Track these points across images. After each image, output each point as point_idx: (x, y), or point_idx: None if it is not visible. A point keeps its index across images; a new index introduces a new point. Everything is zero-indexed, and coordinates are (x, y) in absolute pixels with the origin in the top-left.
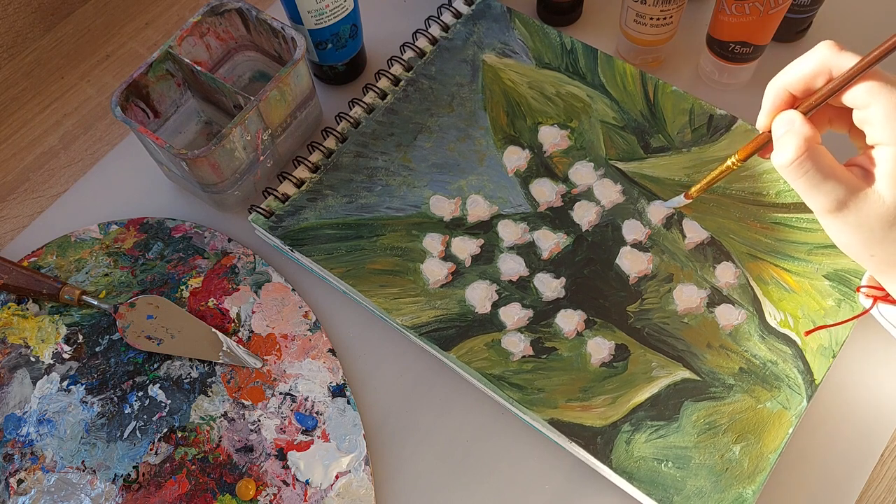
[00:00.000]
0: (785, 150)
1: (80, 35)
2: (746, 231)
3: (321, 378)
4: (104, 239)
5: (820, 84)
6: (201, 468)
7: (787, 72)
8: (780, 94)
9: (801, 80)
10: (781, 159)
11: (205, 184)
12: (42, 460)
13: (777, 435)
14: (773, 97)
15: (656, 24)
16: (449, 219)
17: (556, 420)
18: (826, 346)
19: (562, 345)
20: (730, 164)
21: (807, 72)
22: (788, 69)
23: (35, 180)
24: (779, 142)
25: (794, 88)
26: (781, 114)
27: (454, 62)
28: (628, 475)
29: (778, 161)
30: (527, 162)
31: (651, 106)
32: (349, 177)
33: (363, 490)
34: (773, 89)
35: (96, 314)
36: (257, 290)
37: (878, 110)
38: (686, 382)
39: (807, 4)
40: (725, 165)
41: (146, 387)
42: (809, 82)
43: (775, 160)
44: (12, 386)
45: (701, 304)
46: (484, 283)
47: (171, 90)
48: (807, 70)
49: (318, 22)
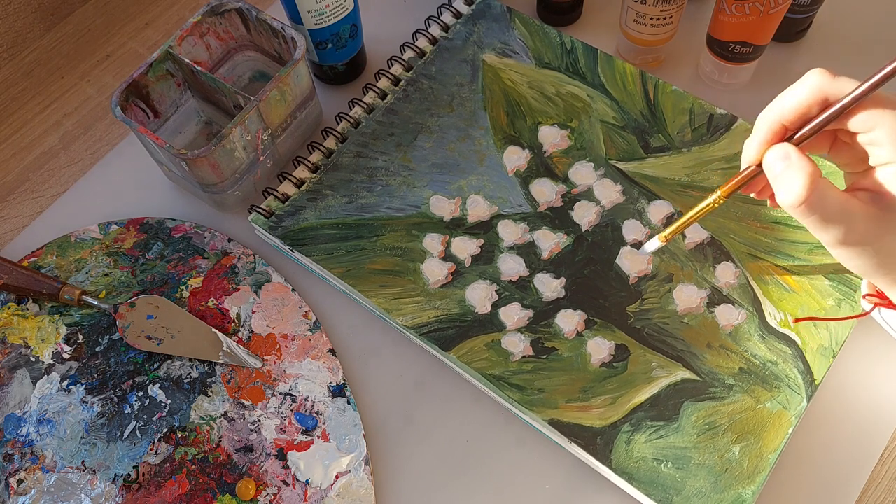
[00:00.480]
0: (790, 189)
1: (80, 35)
2: (746, 231)
3: (321, 378)
4: (104, 239)
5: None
6: (201, 468)
7: (781, 101)
8: (773, 125)
9: (797, 110)
10: (789, 200)
11: (205, 184)
12: (42, 460)
13: (777, 435)
14: (766, 129)
15: (656, 24)
16: (449, 219)
17: (556, 420)
18: (826, 347)
19: (562, 345)
20: (712, 201)
21: (802, 101)
22: (781, 99)
23: (35, 180)
24: (781, 180)
25: (789, 119)
26: (773, 147)
27: (454, 62)
28: (628, 475)
29: (785, 202)
30: (527, 162)
31: (651, 106)
32: (349, 177)
33: (363, 490)
34: (766, 120)
35: (96, 314)
36: (257, 290)
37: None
38: (686, 383)
39: (807, 4)
40: (707, 203)
41: (146, 387)
42: (806, 112)
43: (782, 200)
44: (12, 386)
45: (701, 304)
46: (484, 284)
47: (171, 90)
48: (801, 99)
49: (318, 22)
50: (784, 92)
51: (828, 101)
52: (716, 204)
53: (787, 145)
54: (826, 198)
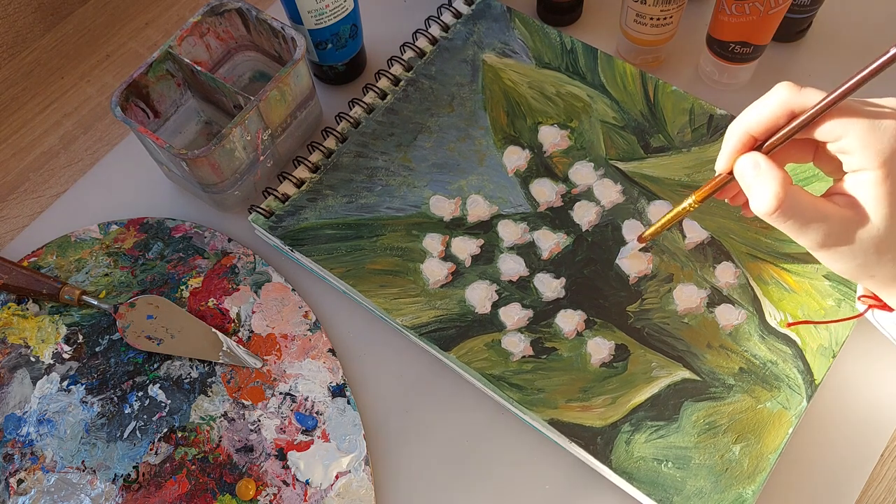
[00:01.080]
0: (762, 197)
1: (80, 35)
2: (746, 231)
3: (321, 378)
4: (104, 239)
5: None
6: (201, 468)
7: (748, 114)
8: (741, 137)
9: (762, 123)
10: (762, 208)
11: (205, 184)
12: (42, 460)
13: (777, 435)
14: (734, 140)
15: (656, 24)
16: (449, 219)
17: (556, 420)
18: (826, 347)
19: (562, 345)
20: (686, 206)
21: (767, 114)
22: (748, 112)
23: (35, 180)
24: (752, 189)
25: (756, 131)
26: (743, 156)
27: (454, 62)
28: (628, 475)
29: (759, 210)
30: (527, 162)
31: (651, 106)
32: (349, 177)
33: (363, 490)
34: (733, 132)
35: (96, 314)
36: (257, 290)
37: (853, 140)
38: (686, 382)
39: (807, 4)
40: (682, 207)
41: (146, 387)
42: (771, 123)
43: (755, 208)
44: (12, 386)
45: (701, 304)
46: (484, 284)
47: (171, 90)
48: (767, 112)
49: (318, 22)
50: (752, 105)
51: (794, 114)
52: (690, 208)
53: (756, 154)
54: (799, 203)
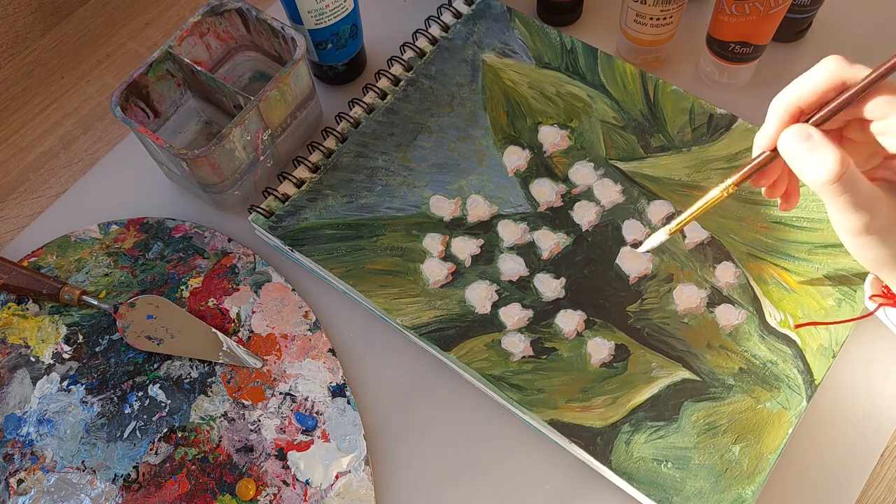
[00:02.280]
0: (822, 165)
1: (80, 35)
2: (746, 231)
3: (321, 378)
4: (104, 239)
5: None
6: (201, 468)
7: (796, 86)
8: (789, 108)
9: (813, 94)
10: (822, 176)
11: (205, 184)
12: (42, 460)
13: (777, 435)
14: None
15: (656, 24)
16: (449, 219)
17: (556, 420)
18: (826, 347)
19: (562, 345)
20: (721, 192)
21: (821, 83)
22: (796, 84)
23: (35, 180)
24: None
25: (807, 102)
26: (791, 127)
27: (454, 62)
28: (628, 476)
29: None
30: (527, 162)
31: (651, 105)
32: (349, 177)
33: (363, 490)
34: (780, 104)
35: (96, 314)
36: (257, 290)
37: None
38: (686, 383)
39: (807, 4)
40: (715, 196)
41: (146, 387)
42: (822, 96)
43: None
44: (12, 386)
45: (701, 304)
46: (484, 284)
47: (171, 90)
48: (821, 82)
49: (318, 22)
50: (800, 77)
51: (845, 86)
52: (725, 194)
53: (805, 125)
54: (858, 177)
